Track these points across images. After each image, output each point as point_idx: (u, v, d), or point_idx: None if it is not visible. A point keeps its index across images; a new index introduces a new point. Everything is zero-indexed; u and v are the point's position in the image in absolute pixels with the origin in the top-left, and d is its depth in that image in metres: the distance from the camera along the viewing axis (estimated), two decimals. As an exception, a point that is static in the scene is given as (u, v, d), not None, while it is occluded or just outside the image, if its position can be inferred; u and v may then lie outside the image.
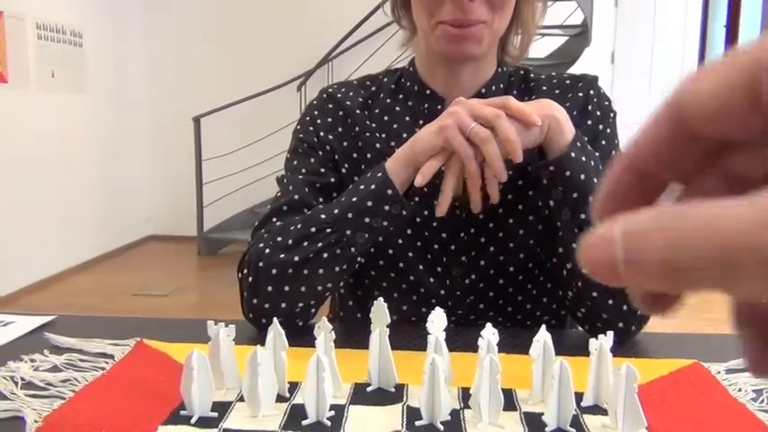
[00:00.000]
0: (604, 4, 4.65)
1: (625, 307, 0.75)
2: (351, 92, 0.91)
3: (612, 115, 0.86)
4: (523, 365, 0.62)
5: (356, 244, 0.76)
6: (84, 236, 4.55)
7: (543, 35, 3.67)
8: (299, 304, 0.78)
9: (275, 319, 0.62)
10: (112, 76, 4.93)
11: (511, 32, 0.86)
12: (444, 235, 0.85)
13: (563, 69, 2.64)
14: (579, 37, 3.93)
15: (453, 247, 0.85)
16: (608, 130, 0.85)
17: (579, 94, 0.86)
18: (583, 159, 0.74)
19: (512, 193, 0.84)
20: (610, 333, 0.60)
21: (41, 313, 0.83)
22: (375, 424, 0.55)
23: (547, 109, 0.73)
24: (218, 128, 4.82)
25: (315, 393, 0.55)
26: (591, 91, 0.86)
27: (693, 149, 0.19)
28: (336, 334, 0.63)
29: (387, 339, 0.63)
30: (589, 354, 0.60)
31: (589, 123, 0.84)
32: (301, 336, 0.69)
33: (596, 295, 0.76)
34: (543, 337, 0.60)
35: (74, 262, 4.40)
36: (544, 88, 0.87)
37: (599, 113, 0.85)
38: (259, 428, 0.54)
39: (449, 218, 0.79)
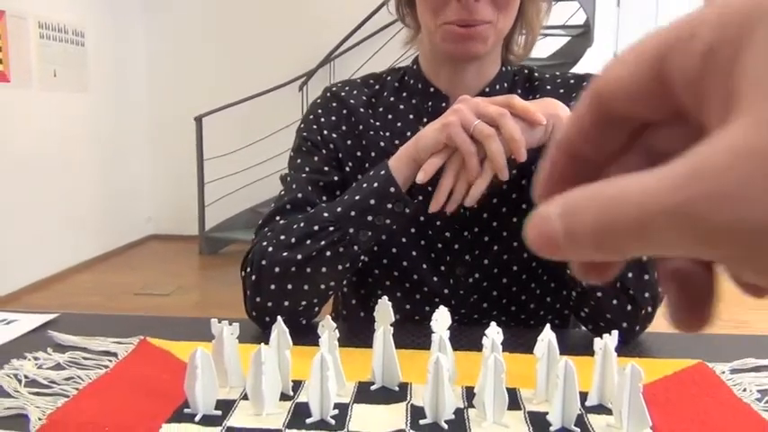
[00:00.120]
0: (606, 5, 4.65)
1: (629, 307, 0.75)
2: (354, 90, 0.90)
3: (616, 114, 0.86)
4: (528, 365, 0.62)
5: (359, 242, 0.76)
6: (85, 235, 4.55)
7: (545, 35, 3.68)
8: (302, 302, 0.78)
9: (279, 318, 0.62)
10: (114, 76, 4.94)
11: (515, 32, 0.85)
12: (448, 234, 0.85)
13: (565, 69, 2.64)
14: (581, 37, 3.93)
15: (457, 246, 0.85)
16: None
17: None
18: None
19: (516, 193, 0.83)
20: (614, 332, 0.60)
21: (45, 311, 0.83)
22: (379, 422, 0.55)
23: (551, 108, 0.73)
24: (219, 127, 4.82)
25: (319, 392, 0.55)
26: None
27: (617, 130, 0.21)
28: (340, 332, 0.63)
29: (391, 338, 0.63)
30: (593, 353, 0.60)
31: None
32: (305, 334, 0.69)
33: (600, 295, 0.75)
34: (548, 337, 0.60)
35: (75, 261, 4.41)
36: (548, 87, 0.87)
37: None
38: (263, 427, 0.54)
39: (452, 217, 0.79)
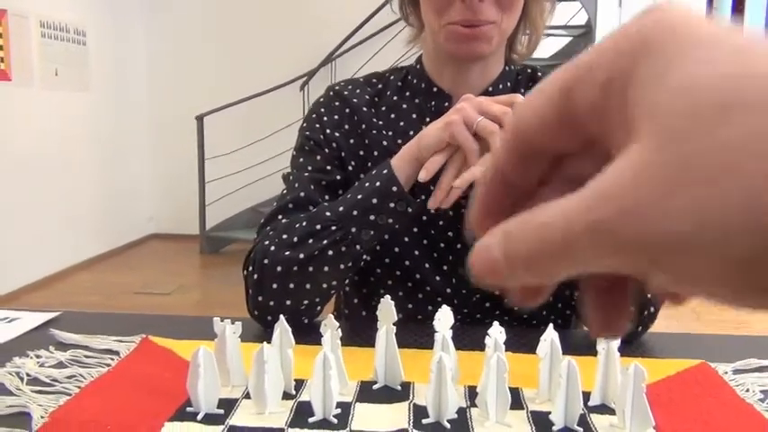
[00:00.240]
0: (608, 5, 4.65)
1: (631, 307, 0.75)
2: (357, 89, 0.90)
3: (620, 114, 0.86)
4: (530, 364, 0.61)
5: (361, 241, 0.76)
6: (86, 234, 4.55)
7: (547, 35, 3.67)
8: (304, 302, 0.78)
9: (282, 317, 0.62)
10: (115, 75, 4.94)
11: (519, 31, 0.85)
12: (450, 233, 0.85)
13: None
14: (583, 37, 3.93)
15: (459, 246, 0.85)
16: None
17: None
18: None
19: None
20: (617, 332, 0.60)
21: (46, 310, 0.83)
22: (381, 422, 0.55)
23: None
24: (220, 127, 4.82)
25: (321, 391, 0.55)
26: None
27: (538, 162, 0.22)
28: (342, 332, 0.62)
29: (393, 337, 0.63)
30: (596, 353, 0.60)
31: None
32: (307, 333, 0.69)
33: None
34: (551, 336, 0.60)
35: (76, 260, 4.41)
36: (551, 87, 0.87)
37: None
38: (265, 425, 0.54)
39: (455, 216, 0.79)
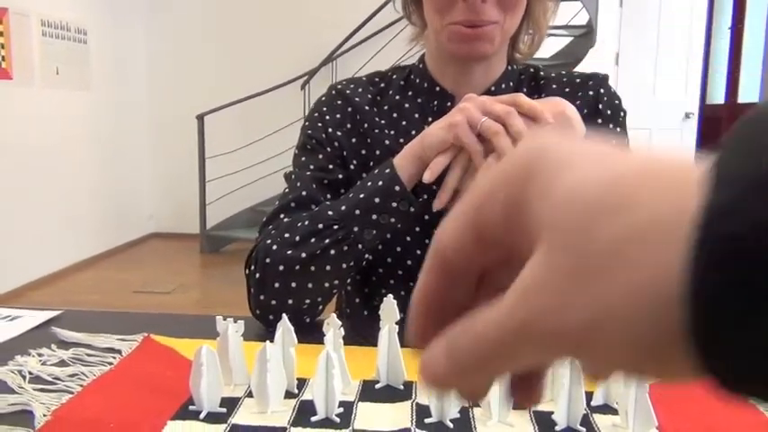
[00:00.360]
0: (609, 5, 4.65)
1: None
2: (359, 88, 0.90)
3: (623, 114, 0.86)
4: (533, 364, 0.61)
5: (364, 241, 0.76)
6: (86, 233, 4.55)
7: (548, 35, 3.67)
8: (306, 301, 0.78)
9: (284, 315, 0.62)
10: (116, 74, 4.94)
11: (522, 31, 0.85)
12: (453, 233, 0.84)
13: (567, 70, 2.64)
14: (584, 37, 3.93)
15: (461, 246, 0.84)
16: (618, 130, 0.85)
17: (589, 93, 0.85)
18: None
19: None
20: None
21: (48, 308, 0.83)
22: (384, 421, 0.55)
23: (558, 107, 0.72)
24: (221, 126, 4.82)
25: (324, 390, 0.55)
26: (601, 90, 0.85)
27: (465, 278, 0.24)
28: (344, 331, 0.62)
29: (396, 336, 0.62)
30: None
31: (599, 122, 0.83)
32: (309, 332, 0.69)
33: None
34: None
35: (76, 259, 4.41)
36: (554, 86, 0.87)
37: (609, 112, 0.85)
38: (268, 424, 0.54)
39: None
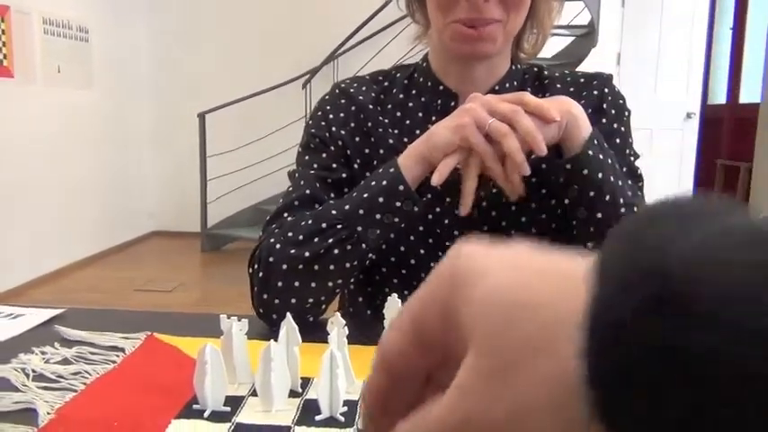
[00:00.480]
0: (611, 5, 4.64)
1: None
2: (363, 87, 0.90)
3: (627, 114, 0.85)
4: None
5: (367, 240, 0.76)
6: (87, 231, 4.55)
7: (550, 35, 3.66)
8: (310, 300, 0.78)
9: (288, 314, 0.62)
10: (118, 72, 4.94)
11: (526, 30, 0.85)
12: (456, 232, 0.84)
13: (569, 70, 2.64)
14: (586, 37, 3.92)
15: (465, 245, 0.84)
16: (622, 129, 0.84)
17: (594, 92, 0.85)
18: (600, 158, 0.73)
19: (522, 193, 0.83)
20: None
21: (51, 306, 0.83)
22: (389, 420, 0.54)
23: (564, 105, 0.72)
24: (222, 124, 4.82)
25: (328, 389, 0.54)
26: (606, 89, 0.85)
27: (410, 382, 0.25)
28: (347, 330, 0.62)
29: (400, 336, 0.62)
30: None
31: (604, 122, 0.83)
32: (312, 331, 0.69)
33: None
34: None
35: (77, 257, 4.41)
36: (558, 86, 0.87)
37: (614, 112, 0.84)
38: (272, 423, 0.54)
39: (463, 216, 0.78)
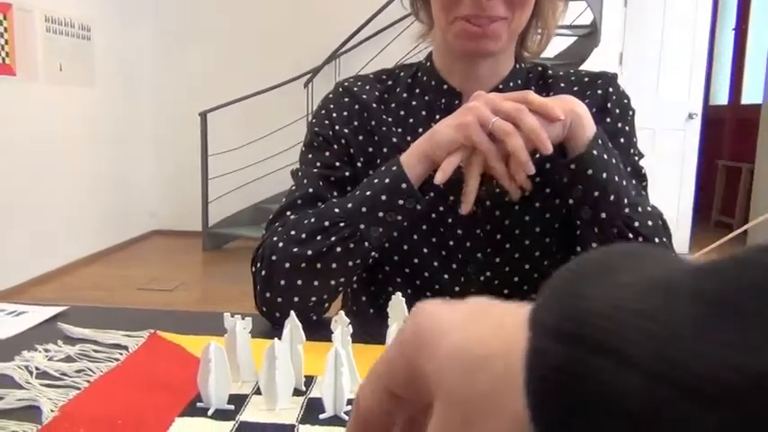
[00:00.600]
0: (614, 5, 4.63)
1: None
2: (367, 85, 0.90)
3: (631, 113, 0.85)
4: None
5: (370, 238, 0.76)
6: (89, 229, 4.55)
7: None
8: (312, 298, 0.78)
9: (292, 313, 0.62)
10: (120, 71, 4.94)
11: (530, 29, 0.85)
12: (460, 231, 0.84)
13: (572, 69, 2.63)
14: (588, 37, 3.92)
15: (469, 244, 0.84)
16: (627, 128, 0.84)
17: (598, 92, 0.85)
18: (605, 157, 0.73)
19: (528, 191, 0.83)
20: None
21: (54, 304, 0.83)
22: (393, 419, 0.54)
23: (569, 104, 0.72)
24: (224, 123, 4.82)
25: (333, 387, 0.54)
26: (610, 88, 0.85)
27: (389, 427, 0.26)
28: (351, 328, 0.62)
29: (404, 334, 0.62)
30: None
31: (608, 121, 0.83)
32: (315, 329, 0.69)
33: None
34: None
35: (79, 255, 4.41)
36: (562, 85, 0.86)
37: (618, 111, 0.84)
38: (276, 422, 0.53)
39: (465, 214, 0.78)
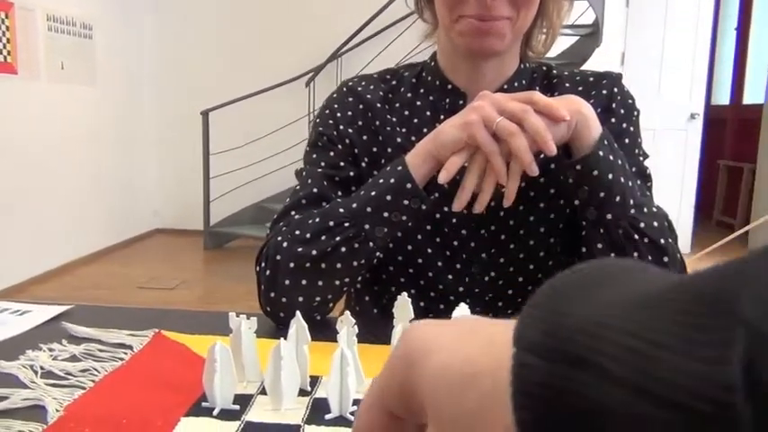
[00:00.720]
0: (616, 5, 4.63)
1: None
2: (371, 85, 0.89)
3: (636, 113, 0.85)
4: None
5: (375, 238, 0.76)
6: (91, 228, 4.56)
7: (554, 34, 3.65)
8: (317, 298, 0.78)
9: (298, 313, 0.62)
10: (122, 69, 4.94)
11: (535, 28, 0.84)
12: (464, 231, 0.84)
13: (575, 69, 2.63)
14: (590, 37, 3.91)
15: (473, 244, 0.84)
16: (631, 129, 0.84)
17: (603, 92, 0.84)
18: (611, 158, 0.72)
19: (533, 191, 0.83)
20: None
21: (58, 303, 0.83)
22: (398, 420, 0.54)
23: (574, 104, 0.72)
24: (225, 122, 4.82)
25: (338, 388, 0.54)
26: (615, 89, 0.85)
27: None
28: (357, 329, 0.62)
29: (409, 335, 0.62)
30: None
31: (613, 122, 0.83)
32: (320, 330, 0.69)
33: None
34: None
35: (81, 254, 4.41)
36: (567, 85, 0.86)
37: (623, 111, 0.84)
38: (282, 422, 0.53)
39: (469, 214, 0.78)
